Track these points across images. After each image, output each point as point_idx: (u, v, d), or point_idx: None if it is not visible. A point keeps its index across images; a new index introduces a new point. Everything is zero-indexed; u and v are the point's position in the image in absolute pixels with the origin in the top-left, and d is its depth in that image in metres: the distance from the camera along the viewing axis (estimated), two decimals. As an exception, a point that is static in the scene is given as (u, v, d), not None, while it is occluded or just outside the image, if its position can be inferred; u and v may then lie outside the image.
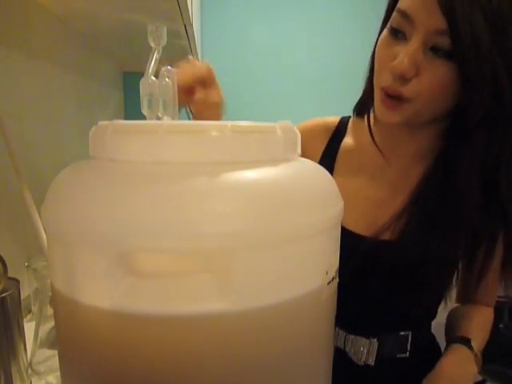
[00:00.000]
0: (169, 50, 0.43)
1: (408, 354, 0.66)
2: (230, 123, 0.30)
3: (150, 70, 0.43)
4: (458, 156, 0.56)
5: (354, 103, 0.71)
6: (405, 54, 0.50)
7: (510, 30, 0.48)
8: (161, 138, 0.29)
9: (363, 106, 0.67)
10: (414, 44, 0.50)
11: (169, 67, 0.40)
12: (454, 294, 0.72)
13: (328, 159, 0.69)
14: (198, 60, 1.62)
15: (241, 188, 0.28)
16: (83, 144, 0.36)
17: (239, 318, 0.28)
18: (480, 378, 1.21)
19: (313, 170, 0.36)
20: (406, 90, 0.51)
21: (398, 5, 0.52)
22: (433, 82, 0.50)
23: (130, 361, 0.29)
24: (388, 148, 0.64)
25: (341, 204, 0.35)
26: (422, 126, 0.60)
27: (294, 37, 2.04)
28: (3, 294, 0.48)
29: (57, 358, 0.36)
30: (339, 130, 0.71)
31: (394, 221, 0.61)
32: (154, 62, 0.43)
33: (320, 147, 0.71)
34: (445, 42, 0.48)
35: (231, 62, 2.06)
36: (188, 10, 0.92)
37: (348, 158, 0.68)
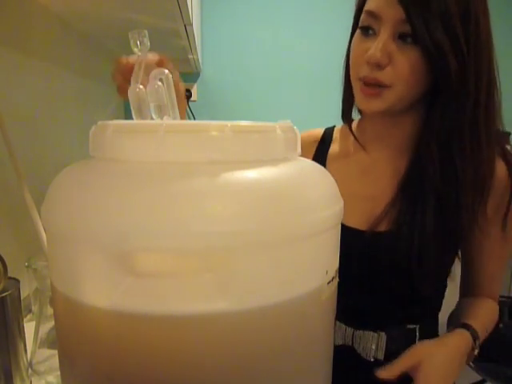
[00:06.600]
0: (169, 50, 0.43)
1: None
2: (229, 123, 0.30)
3: (137, 77, 0.42)
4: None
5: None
6: (377, 44, 0.56)
7: (452, 9, 0.54)
8: (161, 137, 0.29)
9: (348, 112, 0.72)
10: (383, 35, 0.57)
11: (165, 70, 0.38)
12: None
13: None
14: (197, 58, 1.62)
15: (241, 188, 0.28)
16: (83, 144, 0.36)
17: (239, 318, 0.28)
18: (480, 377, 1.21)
19: (313, 169, 0.36)
20: (383, 77, 0.57)
21: (365, 8, 0.60)
22: (405, 66, 0.56)
23: (130, 360, 0.29)
24: (373, 143, 0.69)
25: (341, 204, 0.35)
26: (402, 115, 0.64)
27: (295, 37, 2.04)
28: (3, 294, 0.48)
29: (57, 358, 0.36)
30: (324, 140, 0.76)
31: (388, 211, 0.64)
32: (140, 69, 0.42)
33: (308, 158, 0.72)
34: (408, 28, 0.55)
35: (231, 62, 2.05)
36: (188, 10, 0.92)
37: (336, 163, 0.72)
